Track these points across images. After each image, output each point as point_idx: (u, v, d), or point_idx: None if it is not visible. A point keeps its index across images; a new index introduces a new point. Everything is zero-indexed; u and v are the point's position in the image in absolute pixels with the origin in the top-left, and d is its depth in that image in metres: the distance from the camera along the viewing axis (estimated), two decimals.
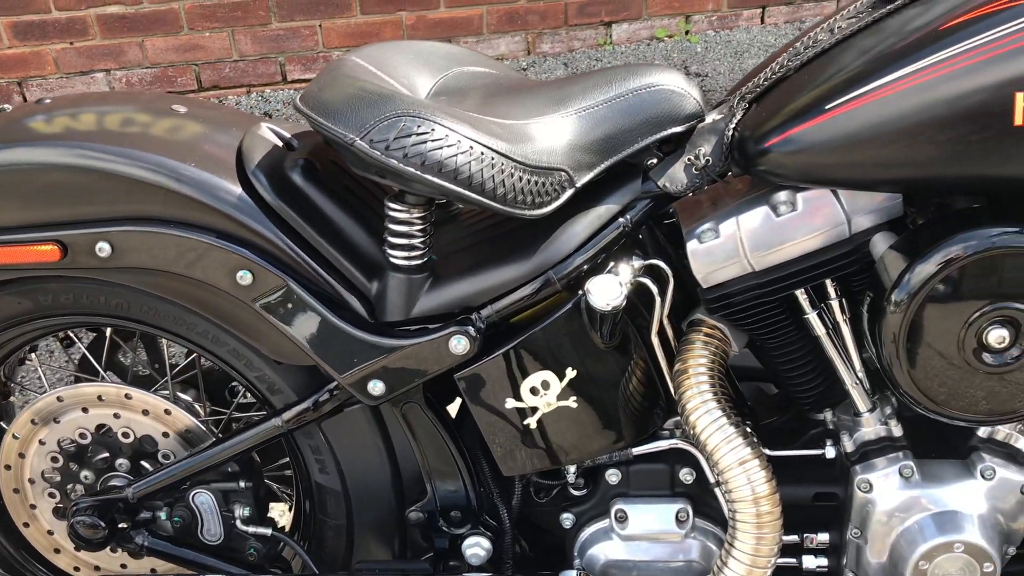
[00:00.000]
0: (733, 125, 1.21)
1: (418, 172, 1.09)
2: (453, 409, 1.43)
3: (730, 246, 1.21)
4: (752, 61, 3.69)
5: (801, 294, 1.24)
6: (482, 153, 1.11)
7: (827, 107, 1.10)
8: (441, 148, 1.09)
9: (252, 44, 3.59)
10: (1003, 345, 1.09)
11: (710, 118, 1.28)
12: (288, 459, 1.51)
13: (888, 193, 1.16)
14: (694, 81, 1.28)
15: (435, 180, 1.10)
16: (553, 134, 1.19)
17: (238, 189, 1.23)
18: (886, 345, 1.12)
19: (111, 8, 3.46)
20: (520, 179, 1.14)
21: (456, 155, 1.09)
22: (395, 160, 1.09)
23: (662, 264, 1.26)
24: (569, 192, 1.20)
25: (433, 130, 1.09)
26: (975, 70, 1.03)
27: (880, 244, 1.17)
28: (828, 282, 1.23)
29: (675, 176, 1.25)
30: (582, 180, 1.21)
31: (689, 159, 1.24)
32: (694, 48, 3.83)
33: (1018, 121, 1.02)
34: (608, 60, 3.77)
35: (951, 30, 1.05)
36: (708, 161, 1.23)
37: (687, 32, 3.89)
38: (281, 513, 1.70)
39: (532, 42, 3.79)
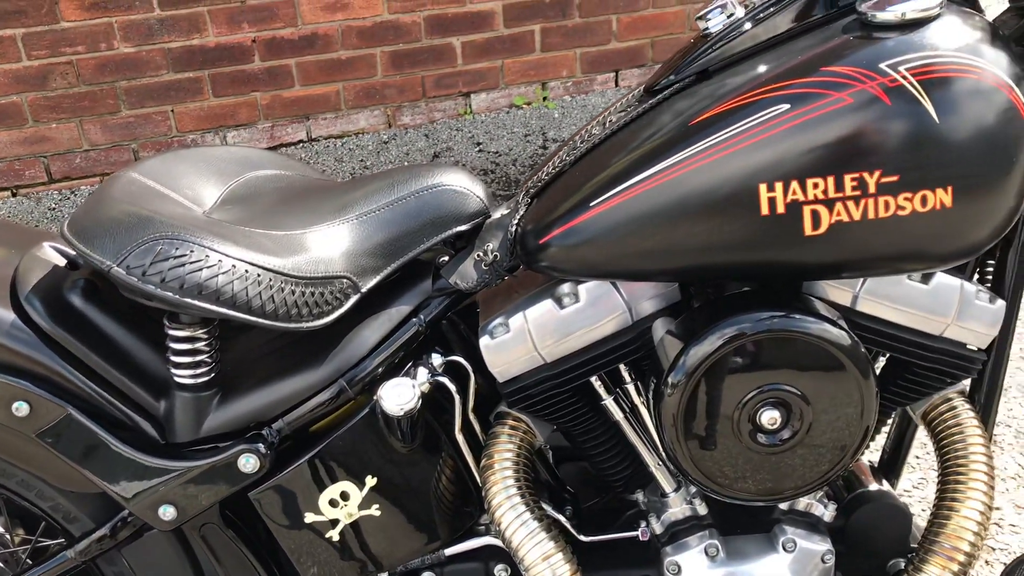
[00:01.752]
0: (516, 220, 1.23)
1: (177, 296, 1.07)
2: None
3: (520, 340, 1.21)
4: None
5: (596, 381, 1.25)
6: (246, 271, 1.09)
7: (591, 204, 1.13)
8: (200, 270, 1.07)
9: (103, 133, 3.52)
10: (775, 426, 1.12)
11: (498, 213, 1.29)
12: None
13: (661, 281, 1.19)
14: (478, 179, 1.30)
15: (196, 303, 1.08)
16: (333, 242, 1.18)
17: (11, 316, 1.18)
18: (666, 428, 1.13)
19: None
20: (293, 292, 1.12)
21: (216, 276, 1.08)
22: (152, 286, 1.07)
23: (462, 360, 1.26)
24: (354, 298, 1.20)
25: (192, 251, 1.08)
26: (721, 164, 1.07)
27: (660, 329, 1.19)
28: (622, 367, 1.25)
29: (466, 273, 1.25)
30: (368, 285, 1.21)
31: (478, 255, 1.25)
32: (552, 114, 3.91)
33: (764, 211, 1.06)
34: (469, 129, 3.82)
35: (700, 125, 1.09)
36: (496, 256, 1.25)
37: (545, 98, 3.98)
38: None
39: (392, 115, 3.81)
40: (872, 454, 1.81)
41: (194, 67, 3.49)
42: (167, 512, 1.20)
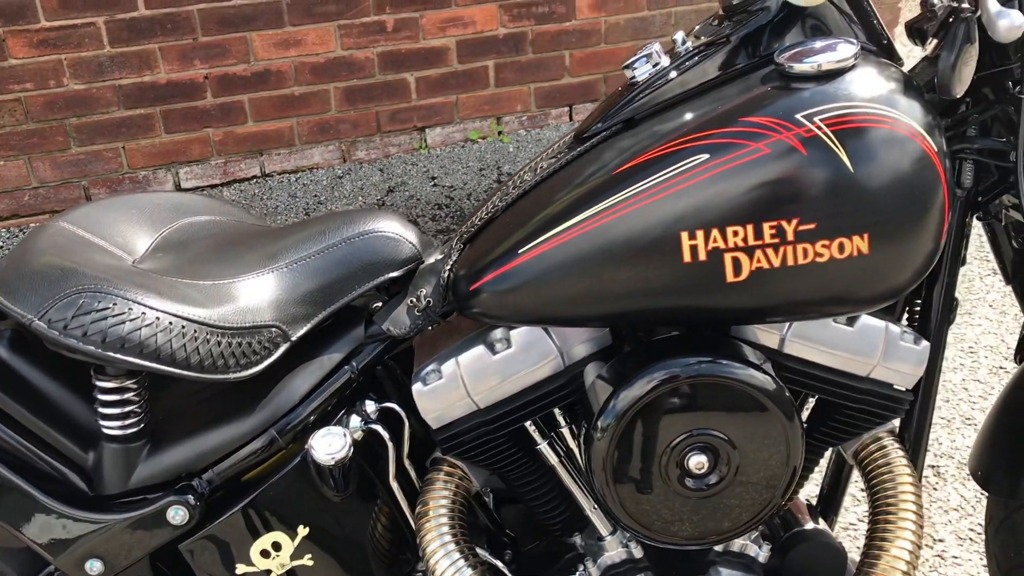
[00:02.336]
0: (449, 266, 1.23)
1: (99, 350, 1.06)
2: None
3: (453, 386, 1.21)
4: None
5: (530, 426, 1.25)
6: (170, 323, 1.08)
7: (520, 251, 1.13)
8: (123, 323, 1.06)
9: (52, 170, 3.48)
10: (703, 471, 1.13)
11: (432, 258, 1.30)
12: None
13: (592, 326, 1.20)
14: (411, 224, 1.30)
15: (119, 357, 1.07)
16: (261, 290, 1.18)
17: None
18: (596, 473, 1.14)
19: None
20: (219, 343, 1.12)
21: (139, 329, 1.07)
22: (74, 340, 1.06)
23: (396, 407, 1.25)
24: (284, 347, 1.19)
25: (115, 304, 1.07)
26: (644, 212, 1.08)
27: (591, 373, 1.20)
28: (556, 411, 1.25)
29: (398, 319, 1.25)
30: (298, 333, 1.20)
31: (411, 301, 1.25)
32: (507, 148, 3.94)
33: (687, 258, 1.07)
34: (424, 164, 3.82)
35: (624, 174, 1.10)
36: (429, 302, 1.25)
37: (500, 133, 4.00)
38: None
39: (347, 150, 3.81)
40: (811, 487, 1.83)
41: (145, 104, 3.47)
42: (94, 567, 1.19)
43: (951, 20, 0.85)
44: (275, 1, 3.45)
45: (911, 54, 1.66)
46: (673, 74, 1.19)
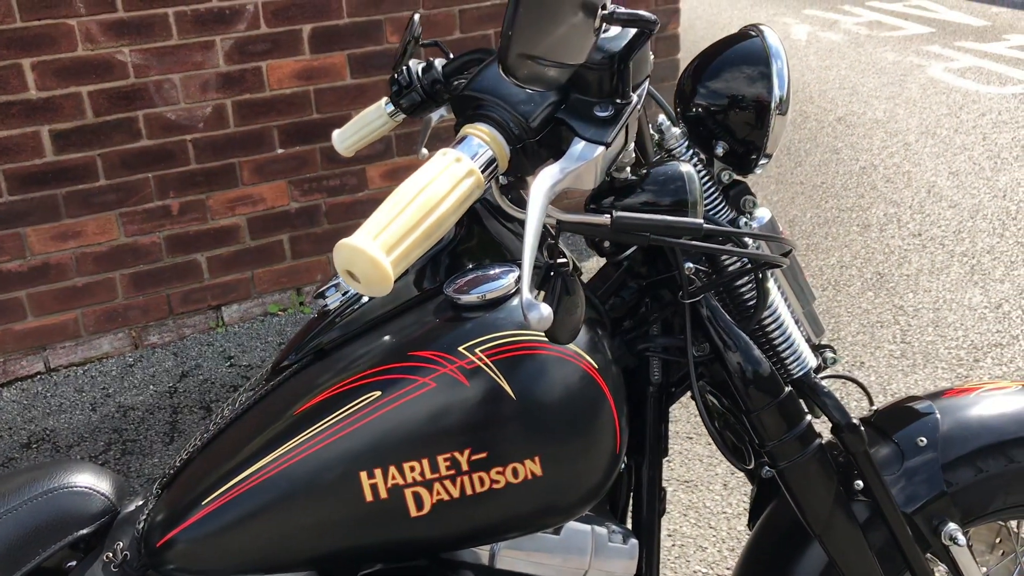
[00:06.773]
0: (144, 515, 1.18)
1: None
2: None
3: None
4: None
5: None
6: None
7: (203, 503, 1.10)
8: None
9: None
10: None
11: (132, 506, 1.24)
12: None
13: (293, 572, 1.16)
14: (107, 472, 1.24)
15: None
16: None
17: None
18: None
19: None
20: None
21: None
22: None
23: None
24: None
25: None
26: (321, 455, 1.07)
27: None
28: None
29: None
30: None
31: (107, 556, 1.18)
32: (308, 318, 3.90)
33: (369, 498, 1.07)
34: (221, 343, 3.74)
35: (303, 416, 1.10)
36: (126, 556, 1.18)
37: (301, 303, 3.98)
38: None
39: (138, 336, 3.68)
40: None
41: None
42: None
43: (552, 274, 0.91)
44: (49, 195, 3.36)
45: None
46: (364, 300, 1.21)
